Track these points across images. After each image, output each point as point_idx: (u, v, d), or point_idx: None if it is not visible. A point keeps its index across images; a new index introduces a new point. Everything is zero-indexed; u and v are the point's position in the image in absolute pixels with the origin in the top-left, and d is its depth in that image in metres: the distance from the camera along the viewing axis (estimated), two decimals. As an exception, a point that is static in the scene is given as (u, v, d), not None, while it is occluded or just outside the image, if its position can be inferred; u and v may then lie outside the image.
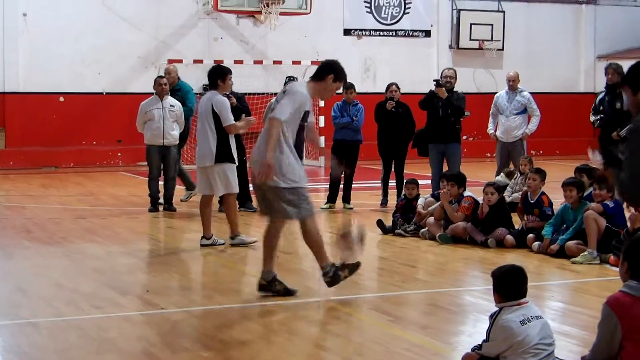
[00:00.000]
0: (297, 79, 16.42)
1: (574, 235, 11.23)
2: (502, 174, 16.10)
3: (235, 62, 24.52)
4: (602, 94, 14.61)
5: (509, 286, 6.02)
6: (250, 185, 11.83)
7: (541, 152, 27.46)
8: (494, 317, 5.97)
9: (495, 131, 16.74)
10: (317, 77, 9.39)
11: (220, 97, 12.14)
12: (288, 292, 9.22)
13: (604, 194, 11.23)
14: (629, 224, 10.87)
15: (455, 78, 15.52)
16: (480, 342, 6.11)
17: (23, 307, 8.85)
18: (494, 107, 16.83)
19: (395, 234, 12.99)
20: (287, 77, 16.29)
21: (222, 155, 12.13)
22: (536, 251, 11.52)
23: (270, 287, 9.21)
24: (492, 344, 5.90)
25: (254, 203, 15.40)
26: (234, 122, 12.18)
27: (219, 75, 12.20)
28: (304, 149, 25.52)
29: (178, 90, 16.01)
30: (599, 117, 14.39)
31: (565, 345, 6.93)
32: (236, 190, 12.42)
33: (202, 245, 12.15)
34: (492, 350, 5.92)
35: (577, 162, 13.71)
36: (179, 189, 16.41)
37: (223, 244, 12.25)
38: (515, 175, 15.62)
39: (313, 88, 9.36)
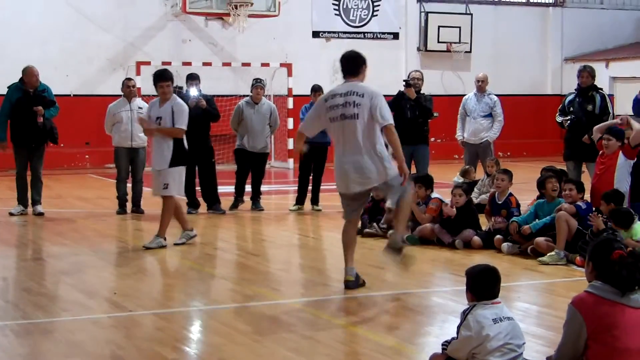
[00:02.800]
0: (264, 80, 16.42)
1: (546, 233, 11.28)
2: (457, 174, 16.18)
3: (204, 64, 24.53)
4: (572, 95, 14.65)
5: (483, 286, 6.04)
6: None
7: (508, 153, 27.62)
8: (466, 313, 5.98)
9: (464, 133, 16.79)
10: (355, 72, 9.59)
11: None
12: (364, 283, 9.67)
13: (574, 194, 11.32)
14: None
15: (423, 80, 15.59)
16: (449, 339, 6.12)
17: (-11, 310, 8.80)
18: (461, 109, 16.90)
19: (364, 235, 13.02)
20: (254, 80, 16.29)
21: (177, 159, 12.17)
22: (506, 252, 11.58)
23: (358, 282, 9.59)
24: (462, 340, 5.91)
25: (222, 205, 15.45)
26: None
27: (153, 80, 12.41)
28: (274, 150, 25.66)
29: (44, 91, 15.34)
30: (568, 118, 14.46)
31: (531, 345, 6.97)
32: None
33: (177, 244, 12.34)
34: (462, 346, 5.92)
35: (543, 163, 13.83)
36: (147, 191, 16.37)
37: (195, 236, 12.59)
38: (482, 177, 15.72)
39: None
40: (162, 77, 12.26)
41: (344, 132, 9.29)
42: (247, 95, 16.58)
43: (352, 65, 9.63)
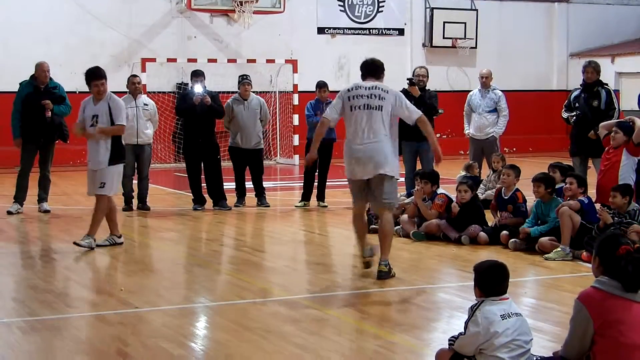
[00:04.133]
0: (249, 77, 16.39)
1: (548, 231, 11.31)
2: (462, 169, 16.15)
3: (209, 60, 24.54)
4: (578, 91, 14.63)
5: (491, 282, 6.03)
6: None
7: (514, 149, 27.59)
8: (474, 308, 5.97)
9: (470, 129, 16.77)
10: (377, 74, 10.18)
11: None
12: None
13: (575, 188, 11.32)
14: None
15: (427, 76, 15.56)
16: (457, 334, 6.11)
17: (-4, 307, 8.82)
18: (467, 106, 16.87)
19: (370, 231, 12.99)
20: (240, 77, 16.29)
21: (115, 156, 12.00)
22: (511, 248, 11.57)
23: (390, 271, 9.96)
24: (470, 335, 5.90)
25: (228, 202, 15.46)
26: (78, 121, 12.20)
27: (85, 79, 12.21)
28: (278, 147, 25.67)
29: (55, 88, 15.33)
30: (574, 113, 14.43)
31: (538, 341, 6.96)
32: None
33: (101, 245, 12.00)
34: (469, 342, 5.91)
35: (549, 159, 13.81)
36: (152, 188, 16.38)
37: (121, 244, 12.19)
38: (488, 173, 15.70)
39: None
40: (95, 75, 12.03)
41: (366, 120, 9.81)
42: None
43: (375, 68, 10.21)
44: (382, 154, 9.79)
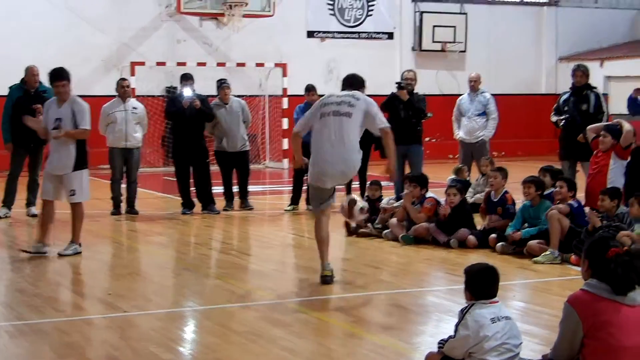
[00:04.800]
0: (227, 80, 16.36)
1: (537, 234, 11.31)
2: (451, 172, 16.13)
3: (199, 64, 24.52)
4: (567, 94, 14.66)
5: (481, 285, 6.02)
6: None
7: (503, 153, 27.60)
8: (464, 311, 5.96)
9: (460, 132, 16.77)
10: (355, 86, 10.15)
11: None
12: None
13: (565, 192, 11.32)
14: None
15: (416, 80, 15.54)
16: (446, 337, 6.10)
17: (-16, 312, 8.78)
18: (456, 110, 16.87)
19: (359, 235, 13.02)
20: (218, 81, 16.28)
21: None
22: (499, 252, 11.57)
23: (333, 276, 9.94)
24: (460, 339, 5.89)
25: (217, 206, 15.43)
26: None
27: (49, 79, 11.87)
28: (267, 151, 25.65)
29: (44, 92, 14.92)
30: (563, 117, 14.46)
31: (527, 344, 6.95)
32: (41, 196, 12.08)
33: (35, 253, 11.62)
34: (459, 345, 5.90)
35: (538, 162, 13.83)
36: (141, 192, 16.35)
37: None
38: (477, 177, 15.71)
39: None
40: (58, 76, 11.70)
41: (333, 127, 9.70)
42: (239, 96, 16.63)
43: (354, 81, 10.24)
44: (350, 160, 9.77)
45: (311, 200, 10.31)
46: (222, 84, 16.08)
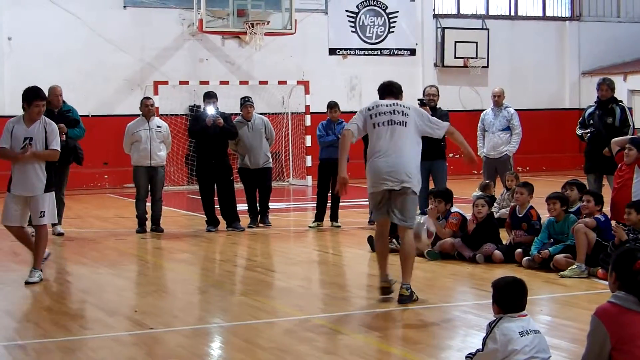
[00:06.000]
0: (251, 98, 16.44)
1: (563, 249, 11.27)
2: (477, 189, 16.06)
3: (221, 82, 24.61)
4: (592, 108, 14.62)
5: (509, 298, 6.01)
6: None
7: (527, 168, 27.54)
8: (492, 325, 5.94)
9: (484, 148, 16.71)
10: (396, 94, 10.07)
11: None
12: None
13: (592, 206, 11.28)
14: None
15: (438, 95, 15.54)
16: (474, 351, 6.08)
17: (11, 330, 8.81)
18: (480, 124, 16.84)
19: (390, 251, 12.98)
20: (242, 99, 16.32)
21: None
22: (525, 266, 11.53)
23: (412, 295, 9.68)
24: (488, 353, 5.87)
25: (242, 223, 15.44)
26: (2, 145, 11.11)
27: (24, 99, 11.16)
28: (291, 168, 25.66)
29: (68, 111, 15.24)
30: (588, 130, 14.42)
31: (555, 358, 6.91)
32: (4, 222, 11.38)
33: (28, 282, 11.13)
34: (487, 359, 5.89)
35: (563, 177, 13.76)
36: (166, 210, 16.39)
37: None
38: (502, 191, 15.67)
39: None
40: (38, 95, 11.18)
41: (391, 136, 9.58)
42: (262, 114, 16.67)
43: (394, 88, 10.10)
44: (407, 169, 9.56)
45: (371, 208, 10.22)
46: (245, 102, 16.13)
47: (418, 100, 15.29)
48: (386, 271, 9.79)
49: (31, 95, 11.13)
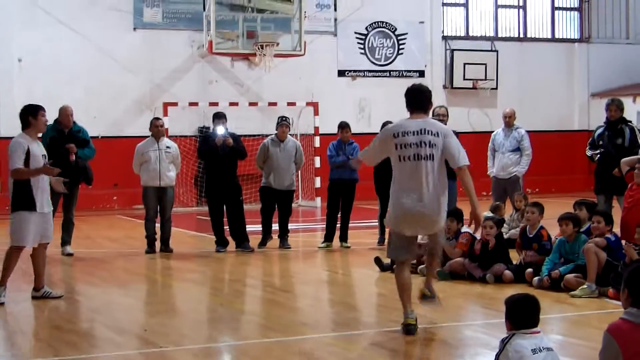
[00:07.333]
0: (289, 119, 16.45)
1: (574, 269, 11.25)
2: (488, 210, 15.97)
3: (231, 104, 24.63)
4: (601, 129, 14.60)
5: (521, 315, 5.99)
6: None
7: (537, 190, 27.49)
8: (505, 341, 5.92)
9: (493, 168, 16.69)
10: (425, 108, 9.09)
11: (14, 139, 11.13)
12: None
13: (602, 227, 11.25)
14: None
15: (448, 115, 15.56)
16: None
17: (21, 348, 8.82)
18: (491, 144, 16.82)
19: (393, 270, 12.94)
20: (279, 118, 16.35)
21: (18, 202, 11.01)
22: (535, 286, 11.49)
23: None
24: (501, 370, 5.86)
25: (251, 243, 15.42)
26: (19, 166, 10.93)
27: (28, 112, 11.16)
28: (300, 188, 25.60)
29: (79, 132, 15.31)
30: (598, 151, 14.40)
31: (566, 376, 6.92)
32: (23, 243, 11.08)
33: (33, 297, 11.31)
34: (499, 377, 5.87)
35: (572, 199, 13.72)
36: (175, 231, 16.39)
37: (60, 297, 11.36)
38: (511, 212, 15.64)
39: None
40: (41, 107, 11.31)
41: (416, 173, 8.73)
42: (270, 135, 16.66)
43: (423, 99, 9.07)
44: (434, 210, 8.79)
45: (391, 247, 9.21)
46: (281, 121, 16.08)
47: (428, 118, 15.27)
48: (411, 306, 9.07)
49: (35, 107, 11.24)
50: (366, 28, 28.03)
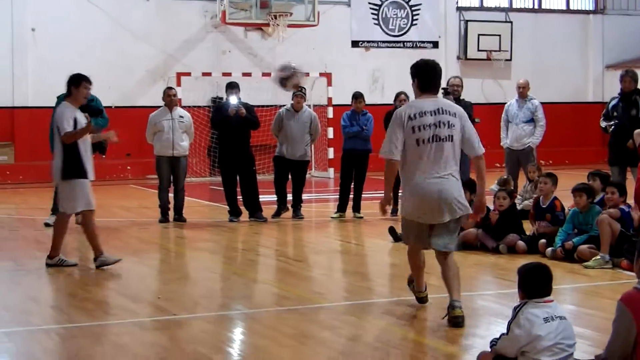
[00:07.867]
0: (304, 89, 16.38)
1: (588, 239, 11.24)
2: (495, 182, 15.95)
3: (244, 74, 24.57)
4: (615, 100, 14.55)
5: (534, 284, 6.00)
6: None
7: (550, 161, 27.43)
8: (517, 309, 5.93)
9: (507, 139, 16.65)
10: (438, 87, 8.58)
11: (59, 107, 11.44)
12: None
13: (616, 198, 11.24)
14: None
15: (462, 86, 15.55)
16: (498, 335, 6.07)
17: (35, 315, 8.85)
18: (504, 115, 16.78)
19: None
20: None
21: (70, 170, 11.20)
22: (549, 257, 11.48)
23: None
24: (512, 337, 5.85)
25: (264, 213, 15.44)
26: (69, 129, 11.14)
27: (72, 82, 11.39)
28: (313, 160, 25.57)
29: (92, 101, 14.99)
30: (612, 123, 14.35)
31: (579, 346, 6.86)
32: (74, 210, 11.48)
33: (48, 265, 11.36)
34: (510, 345, 5.87)
35: (586, 170, 13.69)
36: (188, 200, 16.41)
37: (74, 265, 11.50)
38: (525, 183, 15.62)
39: None
40: (87, 78, 11.50)
41: (434, 154, 8.18)
42: (282, 106, 16.62)
43: (436, 78, 8.48)
44: (456, 195, 8.23)
45: (405, 233, 8.68)
46: (296, 92, 15.99)
47: (442, 89, 15.24)
48: (424, 283, 8.92)
49: (79, 78, 11.41)
50: (380, -2, 27.94)
